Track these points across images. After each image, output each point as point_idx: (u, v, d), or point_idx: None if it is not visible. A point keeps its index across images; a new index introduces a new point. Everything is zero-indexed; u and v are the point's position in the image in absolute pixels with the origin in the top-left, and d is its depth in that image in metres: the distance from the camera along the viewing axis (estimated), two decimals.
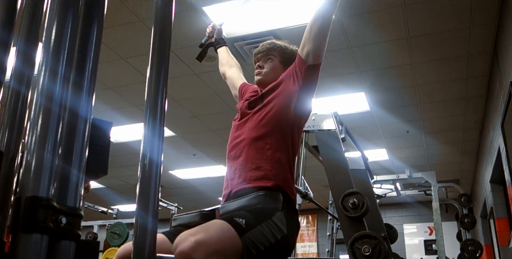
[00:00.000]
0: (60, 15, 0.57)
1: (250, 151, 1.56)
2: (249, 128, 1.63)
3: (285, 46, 1.82)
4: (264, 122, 1.61)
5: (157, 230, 0.67)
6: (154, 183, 0.67)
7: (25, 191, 0.51)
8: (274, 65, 1.77)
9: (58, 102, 0.55)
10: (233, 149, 1.63)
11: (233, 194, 1.54)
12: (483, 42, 4.13)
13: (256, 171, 1.52)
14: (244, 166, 1.55)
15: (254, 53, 1.85)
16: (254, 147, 1.57)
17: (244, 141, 1.60)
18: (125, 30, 3.96)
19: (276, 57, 1.79)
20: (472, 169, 7.73)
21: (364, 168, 3.59)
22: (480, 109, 5.45)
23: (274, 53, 1.79)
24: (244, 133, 1.63)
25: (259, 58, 1.81)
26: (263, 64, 1.78)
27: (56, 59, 0.56)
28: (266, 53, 1.79)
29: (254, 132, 1.60)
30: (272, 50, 1.79)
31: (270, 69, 1.76)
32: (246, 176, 1.52)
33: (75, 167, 0.56)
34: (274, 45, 1.81)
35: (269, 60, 1.78)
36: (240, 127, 1.68)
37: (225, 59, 2.15)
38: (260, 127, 1.61)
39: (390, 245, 3.56)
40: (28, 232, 0.49)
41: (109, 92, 5.04)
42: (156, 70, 0.73)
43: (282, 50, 1.80)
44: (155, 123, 0.70)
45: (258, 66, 1.79)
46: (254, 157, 1.54)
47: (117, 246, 6.23)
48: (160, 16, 0.76)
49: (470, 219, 6.17)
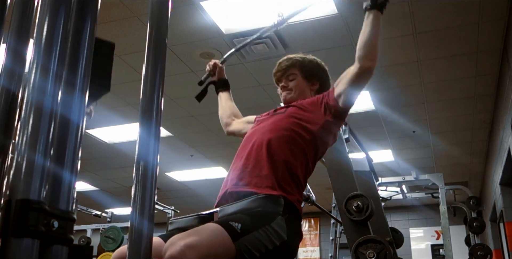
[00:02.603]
0: (52, 10, 0.57)
1: (261, 156, 1.55)
2: (264, 131, 1.64)
3: (303, 59, 1.85)
4: (282, 125, 1.63)
5: (153, 235, 0.67)
6: (150, 185, 0.67)
7: (15, 193, 0.51)
8: (297, 82, 1.82)
9: (50, 101, 0.55)
10: (243, 150, 1.63)
11: (228, 194, 1.53)
12: (492, 39, 4.13)
13: (262, 179, 1.50)
14: (251, 170, 1.54)
15: (273, 72, 1.87)
16: (265, 152, 1.55)
17: (256, 144, 1.59)
18: (120, 26, 3.96)
19: (297, 73, 1.83)
20: (481, 170, 7.73)
21: (368, 170, 3.59)
22: (489, 108, 5.45)
23: (294, 70, 1.83)
24: (258, 135, 1.63)
25: (279, 78, 1.85)
26: (287, 84, 1.82)
27: (48, 56, 0.56)
28: (286, 71, 1.83)
29: (268, 134, 1.60)
30: (291, 68, 1.83)
31: (295, 87, 1.81)
32: (249, 181, 1.51)
33: (67, 169, 0.56)
34: (292, 61, 1.84)
35: (291, 79, 1.83)
36: (256, 130, 1.70)
37: (229, 108, 2.10)
38: (276, 130, 1.62)
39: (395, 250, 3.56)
40: (18, 236, 0.49)
41: None
42: (152, 67, 0.73)
43: (301, 65, 1.84)
44: (150, 123, 0.70)
45: (283, 87, 1.83)
46: (264, 164, 1.53)
47: (111, 250, 6.23)
48: (156, 11, 0.76)
49: (479, 223, 6.17)
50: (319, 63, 1.88)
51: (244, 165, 1.56)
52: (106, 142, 6.45)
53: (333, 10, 3.72)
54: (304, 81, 1.82)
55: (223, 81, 2.15)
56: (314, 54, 1.93)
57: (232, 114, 2.07)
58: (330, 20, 3.80)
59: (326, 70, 1.90)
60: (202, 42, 4.15)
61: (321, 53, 3.90)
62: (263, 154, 1.55)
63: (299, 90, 1.81)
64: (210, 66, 2.15)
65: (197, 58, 4.43)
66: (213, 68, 2.15)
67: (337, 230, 4.50)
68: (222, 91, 2.15)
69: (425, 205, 8.95)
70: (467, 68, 4.62)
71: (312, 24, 3.88)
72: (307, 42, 4.12)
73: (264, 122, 1.71)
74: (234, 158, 1.65)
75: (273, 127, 1.64)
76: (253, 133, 1.68)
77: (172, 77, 4.71)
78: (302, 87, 1.81)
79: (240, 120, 2.04)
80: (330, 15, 3.77)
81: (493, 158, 6.18)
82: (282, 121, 1.66)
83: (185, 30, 3.98)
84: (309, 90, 1.84)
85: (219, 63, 2.16)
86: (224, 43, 4.16)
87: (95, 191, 8.67)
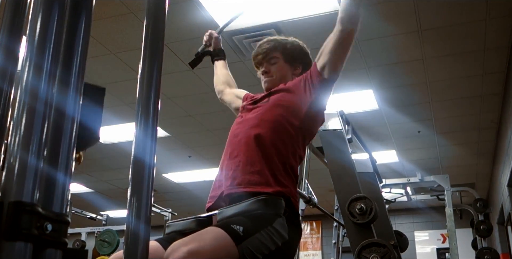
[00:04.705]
0: (46, 7, 0.57)
1: (251, 152, 1.54)
2: (250, 125, 1.61)
3: (285, 41, 1.81)
4: (268, 117, 1.61)
5: (149, 238, 0.67)
6: (147, 187, 0.67)
7: (7, 195, 0.51)
8: (279, 66, 1.78)
9: (43, 100, 0.55)
10: (231, 147, 1.62)
11: (225, 196, 1.53)
12: (499, 36, 4.13)
13: (256, 175, 1.50)
14: (243, 168, 1.53)
15: (252, 56, 1.83)
16: (255, 146, 1.54)
17: (244, 139, 1.58)
18: (115, 22, 3.96)
19: (279, 57, 1.78)
20: (488, 172, 7.73)
21: (372, 171, 3.59)
22: (496, 107, 5.45)
23: (276, 53, 1.78)
24: (245, 129, 1.61)
25: (260, 61, 1.80)
26: (268, 69, 1.78)
27: (41, 53, 0.56)
28: (267, 54, 1.78)
29: (256, 129, 1.58)
30: (273, 51, 1.78)
31: (276, 72, 1.77)
32: (243, 179, 1.50)
33: (61, 170, 0.56)
34: (274, 44, 1.79)
35: (272, 63, 1.78)
36: (240, 124, 1.67)
37: (223, 76, 2.11)
38: (262, 122, 1.59)
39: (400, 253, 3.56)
40: (11, 239, 0.49)
41: None
42: (148, 65, 0.73)
43: (283, 47, 1.79)
44: (147, 122, 0.70)
45: (264, 72, 1.78)
46: (255, 159, 1.52)
47: (106, 254, 6.24)
48: (153, 7, 0.76)
49: (486, 225, 6.18)
50: (301, 45, 1.84)
51: (234, 163, 1.55)
52: (101, 142, 6.45)
53: (335, 7, 3.72)
54: (286, 64, 1.78)
55: (219, 50, 2.18)
56: (315, 51, 1.93)
57: (226, 82, 2.08)
58: (331, 16, 3.80)
59: (308, 53, 1.85)
60: (200, 39, 4.14)
61: None
62: (253, 149, 1.54)
63: (280, 75, 1.76)
64: (207, 36, 2.19)
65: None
66: (209, 39, 2.19)
67: (339, 234, 4.50)
68: (218, 59, 2.18)
69: (430, 207, 8.96)
70: (473, 66, 4.62)
71: (313, 21, 3.88)
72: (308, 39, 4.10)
73: (249, 114, 1.68)
74: (223, 155, 1.64)
75: (258, 120, 1.61)
76: (238, 128, 1.65)
77: (169, 75, 4.71)
78: (284, 71, 1.77)
79: (232, 91, 2.04)
80: (331, 11, 3.77)
81: (501, 159, 6.18)
82: (267, 113, 1.63)
83: (182, 26, 3.98)
84: (291, 74, 1.79)
85: (215, 33, 2.19)
86: (223, 40, 4.14)
87: (90, 193, 8.67)
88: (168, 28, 0.79)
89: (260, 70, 1.81)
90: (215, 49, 2.19)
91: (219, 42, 2.21)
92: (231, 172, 1.54)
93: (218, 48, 2.20)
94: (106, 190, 8.58)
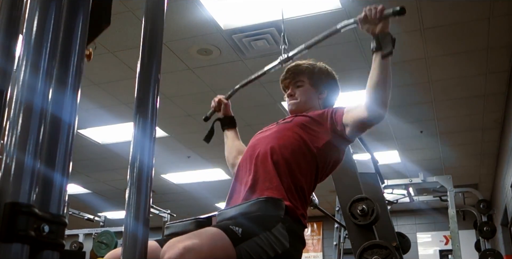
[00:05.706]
0: (42, 5, 0.57)
1: (269, 167, 1.56)
2: (270, 139, 1.64)
3: (312, 66, 1.85)
4: (289, 134, 1.63)
5: (148, 240, 0.67)
6: (145, 188, 0.67)
7: (4, 196, 0.51)
8: (305, 89, 1.82)
9: (40, 100, 0.55)
10: (249, 161, 1.64)
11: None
12: (504, 34, 4.13)
13: (275, 190, 1.52)
14: (262, 183, 1.55)
15: (280, 79, 1.87)
16: (272, 162, 1.57)
17: (262, 153, 1.61)
18: (113, 21, 3.94)
19: (305, 81, 1.83)
20: (491, 172, 7.73)
21: (374, 172, 3.59)
22: (500, 107, 5.45)
23: (302, 77, 1.83)
24: (263, 144, 1.64)
25: (286, 85, 1.85)
26: (294, 92, 1.82)
27: (38, 52, 0.56)
28: (293, 78, 1.83)
29: (274, 143, 1.61)
30: (299, 75, 1.83)
31: (301, 95, 1.81)
32: (262, 194, 1.52)
33: (58, 171, 0.56)
34: (301, 68, 1.84)
35: (298, 86, 1.82)
36: (260, 139, 1.70)
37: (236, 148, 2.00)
38: (282, 138, 1.62)
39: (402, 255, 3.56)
40: (7, 241, 0.49)
41: (96, 88, 5.04)
42: (147, 64, 0.73)
43: (309, 72, 1.83)
44: (146, 122, 0.70)
45: (289, 95, 1.83)
46: (273, 175, 1.55)
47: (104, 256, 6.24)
48: (151, 5, 0.76)
49: (489, 227, 6.18)
50: (329, 71, 1.88)
51: (253, 178, 1.57)
52: (99, 142, 6.45)
53: (337, 5, 3.72)
54: (312, 89, 1.83)
55: (230, 118, 2.08)
56: (316, 50, 1.93)
57: (238, 155, 1.96)
58: (333, 14, 3.79)
59: (336, 78, 1.89)
60: (199, 38, 4.15)
61: (324, 49, 3.90)
62: (270, 165, 1.57)
63: (305, 98, 1.81)
64: (215, 102, 2.09)
65: (195, 54, 4.43)
66: (218, 105, 2.08)
67: (341, 235, 4.50)
68: (229, 129, 2.06)
69: (433, 208, 8.96)
70: (477, 65, 4.61)
71: (315, 19, 3.88)
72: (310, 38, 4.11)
73: (269, 131, 1.72)
74: (239, 169, 1.67)
75: (278, 136, 1.65)
76: (257, 143, 1.68)
77: (168, 74, 4.71)
78: (309, 95, 1.82)
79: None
80: (334, 9, 3.77)
81: (504, 159, 6.18)
82: (288, 131, 1.66)
83: (181, 25, 3.98)
84: (317, 98, 1.84)
85: (224, 99, 2.09)
86: (223, 39, 4.16)
87: (88, 194, 8.67)
88: (166, 27, 0.79)
89: (286, 93, 1.85)
90: (225, 116, 2.08)
91: (229, 109, 2.10)
92: (249, 187, 1.56)
93: (228, 115, 2.09)
94: (104, 191, 8.58)
